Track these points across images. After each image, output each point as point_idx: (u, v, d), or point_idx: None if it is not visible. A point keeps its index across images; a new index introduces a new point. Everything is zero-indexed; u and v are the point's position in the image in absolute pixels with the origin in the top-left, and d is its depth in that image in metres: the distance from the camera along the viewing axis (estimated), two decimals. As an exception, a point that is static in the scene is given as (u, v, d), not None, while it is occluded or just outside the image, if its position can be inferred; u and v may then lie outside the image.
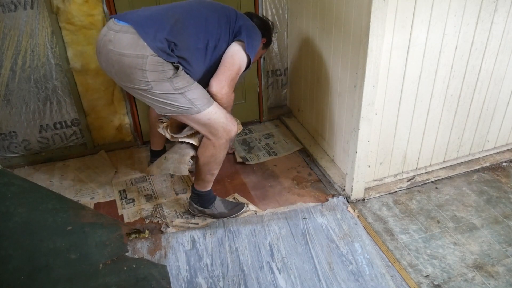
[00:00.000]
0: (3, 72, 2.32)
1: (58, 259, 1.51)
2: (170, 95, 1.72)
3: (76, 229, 1.62)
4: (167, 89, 1.71)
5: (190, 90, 1.75)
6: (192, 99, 1.75)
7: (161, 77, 1.68)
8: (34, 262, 1.47)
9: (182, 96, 1.73)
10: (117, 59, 1.66)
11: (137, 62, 1.64)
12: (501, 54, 2.16)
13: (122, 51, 1.64)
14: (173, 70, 1.70)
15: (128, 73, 1.67)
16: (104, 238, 1.66)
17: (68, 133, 2.63)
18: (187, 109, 1.76)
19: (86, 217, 1.72)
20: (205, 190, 2.03)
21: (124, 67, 1.66)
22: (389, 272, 1.80)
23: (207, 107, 1.78)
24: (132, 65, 1.64)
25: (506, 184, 2.31)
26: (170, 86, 1.70)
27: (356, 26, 1.89)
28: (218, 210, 2.08)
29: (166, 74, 1.68)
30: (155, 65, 1.65)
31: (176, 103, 1.74)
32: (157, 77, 1.67)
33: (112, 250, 1.64)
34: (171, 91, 1.71)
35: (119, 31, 1.65)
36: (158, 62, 1.65)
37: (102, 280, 1.53)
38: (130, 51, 1.63)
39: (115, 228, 1.75)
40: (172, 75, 1.69)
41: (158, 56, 1.64)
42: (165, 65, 1.67)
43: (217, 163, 1.94)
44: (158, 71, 1.66)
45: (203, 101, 1.78)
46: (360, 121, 1.97)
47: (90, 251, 1.59)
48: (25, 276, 1.43)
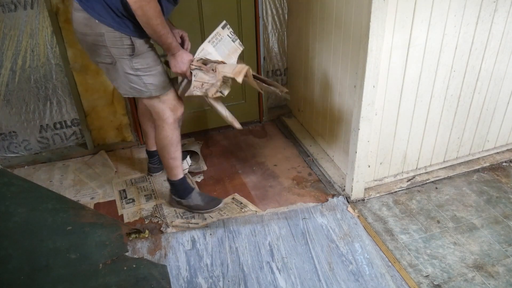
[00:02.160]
0: (3, 72, 2.32)
1: (58, 259, 1.51)
2: (129, 75, 1.79)
3: (76, 229, 1.62)
4: (127, 68, 1.77)
5: (147, 74, 1.81)
6: (147, 83, 1.82)
7: (122, 52, 1.73)
8: (34, 262, 1.47)
9: (139, 78, 1.80)
10: (81, 38, 1.74)
11: (97, 39, 1.69)
12: (501, 54, 2.16)
13: (82, 31, 1.70)
14: (130, 47, 1.73)
15: (94, 49, 1.74)
16: (104, 238, 1.66)
17: (68, 133, 2.63)
18: (139, 91, 1.84)
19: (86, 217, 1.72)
20: (176, 178, 2.09)
21: (89, 44, 1.74)
22: (389, 272, 1.80)
23: (159, 93, 1.86)
24: (94, 42, 1.71)
25: (506, 184, 2.31)
26: (129, 65, 1.76)
27: (356, 26, 1.89)
28: (194, 202, 2.13)
29: (126, 51, 1.73)
30: (113, 40, 1.69)
31: (132, 83, 1.81)
32: (118, 52, 1.73)
33: (112, 250, 1.64)
34: (130, 70, 1.77)
35: (76, 9, 1.69)
36: (115, 37, 1.69)
37: (102, 280, 1.53)
38: (88, 30, 1.68)
39: (115, 228, 1.75)
40: (132, 52, 1.73)
41: (114, 31, 1.68)
42: (124, 40, 1.70)
43: (172, 145, 1.99)
44: (118, 46, 1.71)
45: (157, 87, 1.84)
46: (360, 121, 1.97)
47: (90, 251, 1.59)
48: (25, 276, 1.43)
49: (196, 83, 1.83)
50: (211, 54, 1.89)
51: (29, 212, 1.57)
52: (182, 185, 2.12)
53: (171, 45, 1.78)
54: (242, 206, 2.20)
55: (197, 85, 1.83)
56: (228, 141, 2.79)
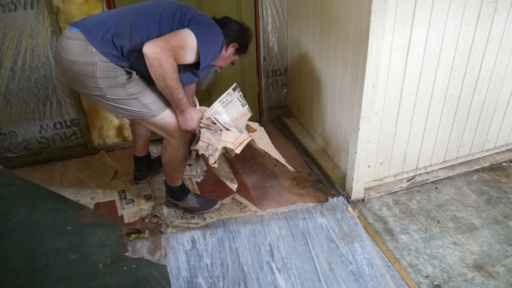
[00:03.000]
0: (3, 72, 2.32)
1: (58, 259, 1.51)
2: (125, 100, 1.72)
3: (76, 229, 1.62)
4: (121, 95, 1.71)
5: (144, 95, 1.75)
6: (147, 104, 1.76)
7: (113, 83, 1.67)
8: (34, 262, 1.47)
9: (137, 101, 1.74)
10: (68, 66, 1.66)
11: (87, 69, 1.63)
12: (501, 54, 2.16)
13: (73, 58, 1.64)
14: (125, 75, 1.68)
15: (80, 80, 1.67)
16: (104, 238, 1.66)
17: (68, 133, 2.63)
18: (142, 113, 1.77)
19: (86, 217, 1.72)
20: (175, 185, 2.09)
21: (76, 74, 1.66)
22: (389, 272, 1.80)
23: (162, 111, 1.80)
24: (82, 72, 1.64)
25: (506, 184, 2.31)
26: (124, 92, 1.70)
27: (356, 26, 1.89)
28: (190, 204, 2.13)
29: (118, 80, 1.67)
30: (106, 71, 1.64)
31: (131, 107, 1.75)
32: (109, 83, 1.67)
33: (112, 250, 1.64)
34: (125, 96, 1.71)
35: (70, 37, 1.65)
36: (108, 68, 1.64)
37: (102, 280, 1.53)
38: (80, 58, 1.63)
39: (115, 228, 1.75)
40: (126, 80, 1.68)
41: (108, 62, 1.63)
42: (117, 71, 1.66)
43: (178, 162, 1.98)
44: (109, 77, 1.66)
45: (158, 105, 1.78)
46: (360, 121, 1.97)
47: (90, 251, 1.59)
48: (25, 276, 1.43)
49: (202, 144, 1.82)
50: (221, 115, 1.92)
51: (29, 212, 1.57)
52: (179, 190, 2.12)
53: (181, 101, 1.75)
54: (242, 206, 2.20)
55: (202, 145, 1.82)
56: (228, 141, 2.79)
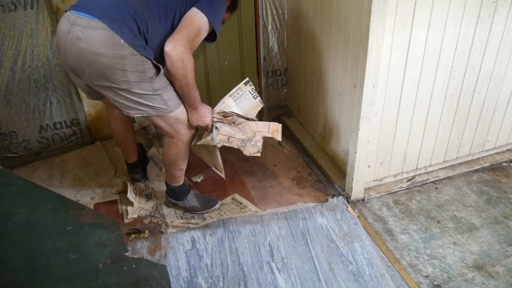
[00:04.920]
0: (3, 72, 2.32)
1: (58, 259, 1.51)
2: (148, 96, 1.69)
3: (76, 229, 1.62)
4: (146, 90, 1.68)
5: (166, 91, 1.74)
6: (166, 100, 1.75)
7: (142, 77, 1.63)
8: (34, 262, 1.47)
9: (159, 96, 1.72)
10: (93, 59, 1.55)
11: (117, 62, 1.55)
12: (501, 54, 2.16)
13: (99, 50, 1.53)
14: (153, 69, 1.66)
15: (108, 73, 1.58)
16: (104, 238, 1.66)
17: (68, 133, 2.63)
18: (160, 109, 1.75)
19: (86, 217, 1.72)
20: (177, 185, 2.09)
21: (102, 67, 1.57)
22: (389, 272, 1.80)
23: (178, 107, 1.80)
24: (111, 65, 1.56)
25: (506, 184, 2.31)
26: (150, 87, 1.67)
27: (356, 26, 1.89)
28: (190, 204, 2.13)
29: (147, 74, 1.64)
30: (136, 65, 1.59)
31: (151, 103, 1.72)
32: (138, 77, 1.62)
33: (112, 250, 1.64)
34: (150, 91, 1.69)
35: (87, 26, 1.52)
36: (138, 61, 1.59)
37: (102, 280, 1.53)
38: (107, 50, 1.53)
39: (115, 228, 1.75)
40: (154, 75, 1.66)
41: (137, 55, 1.58)
42: (146, 64, 1.62)
43: (183, 158, 1.98)
44: (139, 70, 1.61)
45: (175, 101, 1.79)
46: (360, 121, 1.97)
47: (90, 251, 1.59)
48: (25, 276, 1.43)
49: (222, 137, 1.88)
50: (231, 108, 1.97)
51: (29, 212, 1.57)
52: (180, 190, 2.12)
53: (197, 99, 1.79)
54: (242, 206, 2.20)
55: (223, 138, 1.88)
56: (228, 141, 2.79)
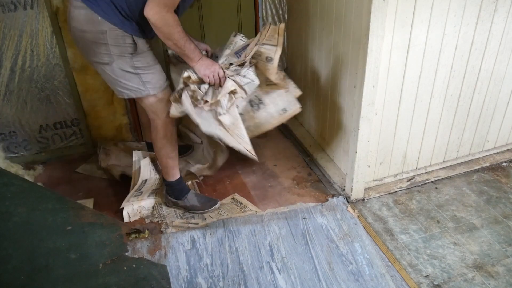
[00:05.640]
0: (3, 72, 2.32)
1: (58, 259, 1.51)
2: (128, 74, 1.77)
3: (76, 229, 1.62)
4: (126, 66, 1.75)
5: (147, 72, 1.80)
6: (145, 82, 1.81)
7: (123, 51, 1.72)
8: (34, 262, 1.47)
9: (138, 77, 1.79)
10: (80, 35, 1.73)
11: (98, 37, 1.69)
12: (501, 54, 2.16)
13: (83, 27, 1.70)
14: (133, 45, 1.73)
15: (93, 48, 1.72)
16: (104, 238, 1.67)
17: (68, 133, 2.63)
18: (138, 90, 1.82)
19: (86, 217, 1.72)
20: (174, 179, 2.08)
21: (88, 43, 1.72)
22: (389, 272, 1.80)
23: (156, 91, 1.84)
24: (95, 40, 1.70)
25: (506, 184, 2.31)
26: (130, 63, 1.75)
27: (356, 26, 1.89)
28: (190, 203, 2.13)
29: (128, 49, 1.73)
30: (116, 39, 1.69)
31: (130, 83, 1.79)
32: (119, 51, 1.72)
33: (112, 250, 1.64)
34: (130, 69, 1.76)
35: (76, 6, 1.69)
36: (117, 35, 1.69)
37: (102, 280, 1.53)
38: (90, 27, 1.68)
39: (115, 228, 1.75)
40: (134, 51, 1.73)
41: (116, 29, 1.67)
42: (126, 38, 1.71)
43: (170, 143, 1.99)
44: (119, 44, 1.71)
45: (155, 85, 1.83)
46: (360, 121, 1.97)
47: (90, 251, 1.59)
48: (25, 276, 1.43)
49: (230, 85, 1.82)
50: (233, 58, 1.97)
51: (29, 212, 1.57)
52: (179, 186, 2.11)
53: (194, 51, 1.77)
54: (242, 206, 2.20)
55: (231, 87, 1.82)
56: (228, 141, 2.79)
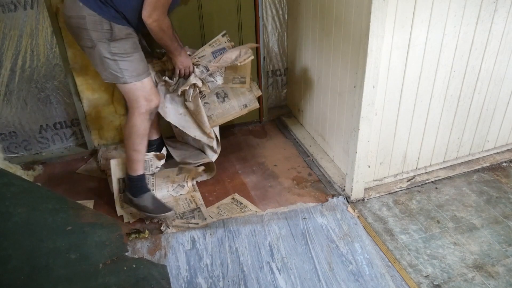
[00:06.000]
0: (3, 72, 2.32)
1: (58, 259, 1.51)
2: (106, 59, 1.84)
3: (76, 229, 1.62)
4: (105, 52, 1.82)
5: (125, 60, 1.85)
6: (122, 69, 1.86)
7: (101, 36, 1.79)
8: (34, 262, 1.47)
9: (115, 63, 1.85)
10: (67, 21, 1.84)
11: (79, 22, 1.78)
12: (501, 54, 2.16)
13: (68, 14, 1.81)
14: (110, 32, 1.79)
15: (77, 32, 1.82)
16: (104, 238, 1.66)
17: (68, 133, 2.63)
18: (116, 76, 1.88)
19: (86, 217, 1.72)
20: (135, 174, 2.05)
21: (73, 28, 1.83)
22: (389, 272, 1.80)
23: (133, 80, 1.89)
24: (78, 25, 1.79)
25: (506, 184, 2.31)
26: (108, 49, 1.82)
27: (356, 26, 1.89)
28: (143, 203, 2.05)
29: (105, 35, 1.79)
30: (94, 24, 1.77)
31: (109, 68, 1.86)
32: (97, 36, 1.79)
33: (112, 250, 1.64)
34: (107, 55, 1.83)
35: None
36: (95, 21, 1.76)
37: (102, 280, 1.53)
38: (73, 13, 1.78)
39: (115, 228, 1.75)
40: (110, 37, 1.80)
41: (95, 15, 1.75)
42: (104, 24, 1.77)
43: (138, 135, 1.99)
44: (97, 30, 1.78)
45: (132, 73, 1.88)
46: (360, 121, 1.97)
47: (90, 251, 1.59)
48: (25, 276, 1.43)
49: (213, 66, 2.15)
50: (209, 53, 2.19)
51: (29, 212, 1.57)
52: (138, 182, 2.06)
53: (177, 48, 1.99)
54: (242, 206, 2.20)
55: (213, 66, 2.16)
56: (228, 141, 2.79)
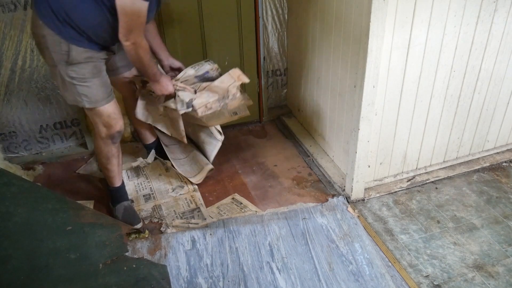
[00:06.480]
0: (3, 72, 2.32)
1: (58, 259, 1.51)
2: (66, 82, 1.74)
3: (76, 229, 1.62)
4: (63, 74, 1.72)
5: (82, 85, 1.75)
6: (81, 94, 1.77)
7: (60, 57, 1.69)
8: (34, 262, 1.47)
9: (74, 87, 1.76)
10: (33, 37, 1.75)
11: (40, 41, 1.69)
12: (501, 54, 2.16)
13: (33, 30, 1.71)
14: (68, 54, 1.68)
15: (40, 49, 1.74)
16: (104, 238, 1.67)
17: (68, 133, 2.63)
18: (75, 99, 1.79)
19: (86, 217, 1.72)
20: (111, 186, 2.10)
21: (38, 45, 1.74)
22: (389, 272, 1.80)
23: (92, 106, 1.81)
24: (39, 43, 1.71)
25: (506, 184, 2.31)
26: (65, 71, 1.72)
27: (356, 26, 1.89)
28: (115, 212, 2.11)
29: (64, 56, 1.69)
30: (54, 45, 1.67)
31: (68, 90, 1.77)
32: (57, 58, 1.69)
33: (112, 250, 1.64)
34: (67, 77, 1.73)
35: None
36: (55, 41, 1.66)
37: (102, 280, 1.53)
38: (35, 30, 1.69)
39: (115, 228, 1.75)
40: (68, 59, 1.69)
41: (54, 35, 1.64)
42: (63, 45, 1.66)
43: (103, 157, 1.99)
44: (57, 51, 1.68)
45: (90, 99, 1.79)
46: (360, 121, 1.97)
47: (90, 251, 1.59)
48: (25, 276, 1.43)
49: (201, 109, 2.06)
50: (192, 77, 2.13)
51: (29, 212, 1.57)
52: (114, 193, 2.12)
53: (156, 74, 1.91)
54: (242, 206, 2.20)
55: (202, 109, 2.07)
56: (228, 141, 2.78)
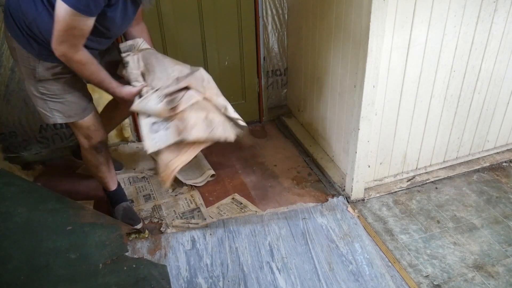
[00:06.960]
0: (3, 72, 2.32)
1: (58, 259, 1.51)
2: (37, 97, 1.68)
3: (76, 229, 1.62)
4: (33, 89, 1.67)
5: (54, 101, 1.70)
6: (52, 109, 1.71)
7: (29, 73, 1.63)
8: (34, 262, 1.47)
9: (45, 102, 1.70)
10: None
11: (12, 53, 1.63)
12: (501, 54, 2.16)
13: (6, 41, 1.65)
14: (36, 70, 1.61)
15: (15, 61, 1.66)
16: (104, 238, 1.67)
17: (68, 133, 2.63)
18: (45, 115, 1.73)
19: (86, 217, 1.72)
20: (108, 190, 2.10)
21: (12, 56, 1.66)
22: (389, 272, 1.80)
23: (65, 121, 1.76)
24: (12, 55, 1.64)
25: (506, 184, 2.31)
26: (35, 87, 1.66)
27: (356, 26, 1.89)
28: (115, 213, 2.10)
29: (33, 72, 1.62)
30: (23, 59, 1.60)
31: (39, 106, 1.71)
32: (26, 73, 1.63)
33: (112, 250, 1.65)
34: (35, 93, 1.67)
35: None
36: (24, 55, 1.59)
37: (102, 280, 1.54)
38: (8, 42, 1.63)
39: (115, 228, 1.75)
40: (35, 76, 1.63)
41: (22, 49, 1.57)
42: (30, 60, 1.59)
43: (92, 166, 1.96)
44: (26, 66, 1.61)
45: (63, 115, 1.74)
46: (360, 121, 1.97)
47: (90, 251, 1.59)
48: (25, 276, 1.43)
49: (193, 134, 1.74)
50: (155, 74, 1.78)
51: (29, 212, 1.58)
52: (111, 197, 2.12)
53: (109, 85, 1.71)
54: (242, 206, 2.20)
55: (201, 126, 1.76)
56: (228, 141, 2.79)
